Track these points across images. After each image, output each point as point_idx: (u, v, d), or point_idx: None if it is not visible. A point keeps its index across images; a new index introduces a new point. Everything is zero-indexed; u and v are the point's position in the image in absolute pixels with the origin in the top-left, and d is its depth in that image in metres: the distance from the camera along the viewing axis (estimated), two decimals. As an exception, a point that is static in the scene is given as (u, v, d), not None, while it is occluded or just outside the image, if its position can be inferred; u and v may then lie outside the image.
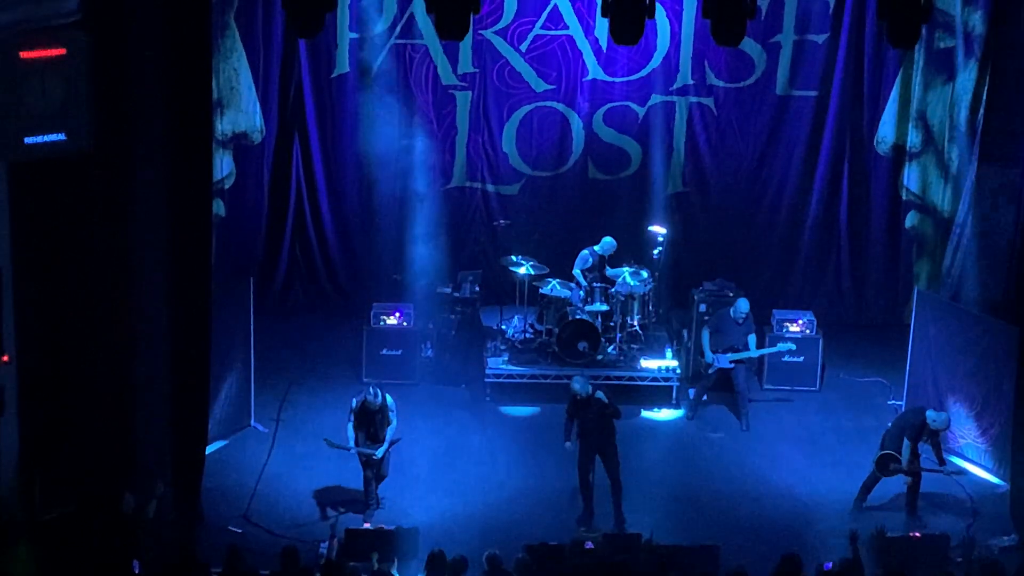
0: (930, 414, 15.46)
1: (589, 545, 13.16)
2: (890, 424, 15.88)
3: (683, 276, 19.47)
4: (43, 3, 12.60)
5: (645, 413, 17.80)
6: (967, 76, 18.72)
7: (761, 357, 18.14)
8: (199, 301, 14.58)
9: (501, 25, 19.24)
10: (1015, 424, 15.44)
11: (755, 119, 19.77)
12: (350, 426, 15.30)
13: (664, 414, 17.85)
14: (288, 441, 16.98)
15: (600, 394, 15.36)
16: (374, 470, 15.34)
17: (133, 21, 13.28)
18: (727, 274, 19.14)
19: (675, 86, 19.54)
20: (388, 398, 15.36)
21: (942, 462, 15.65)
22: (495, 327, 18.95)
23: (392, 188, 19.75)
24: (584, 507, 15.48)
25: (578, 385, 15.39)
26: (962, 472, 16.35)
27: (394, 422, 15.35)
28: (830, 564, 12.70)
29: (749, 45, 18.98)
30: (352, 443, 15.25)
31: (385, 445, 15.30)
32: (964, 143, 18.94)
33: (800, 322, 18.54)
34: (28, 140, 12.68)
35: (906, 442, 15.40)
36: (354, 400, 15.39)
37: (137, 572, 12.86)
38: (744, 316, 17.52)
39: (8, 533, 12.89)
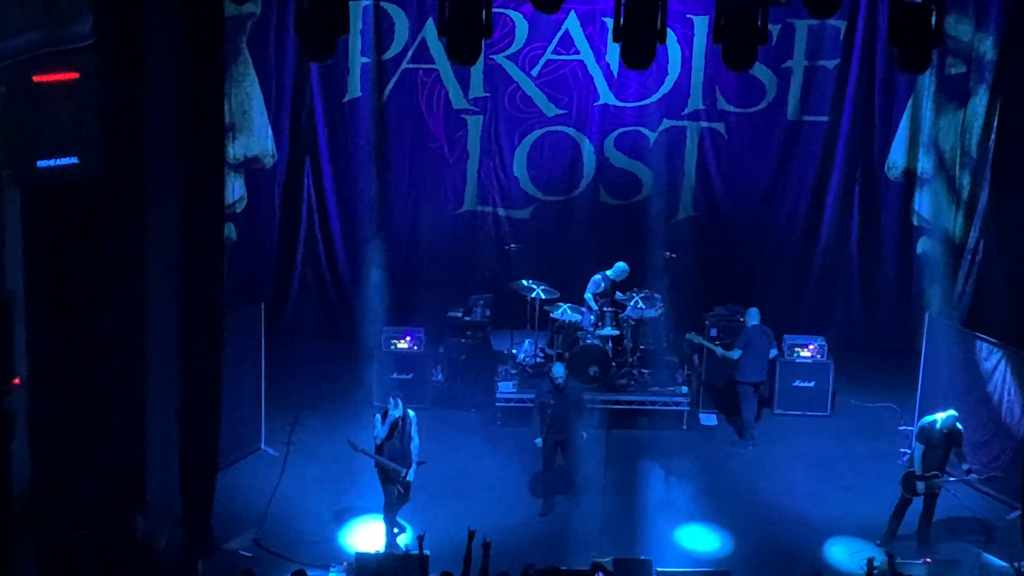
0: (939, 416, 15.43)
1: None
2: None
3: (694, 301, 19.44)
4: (56, 27, 12.65)
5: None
6: (978, 102, 18.74)
7: (772, 382, 18.34)
8: (211, 324, 14.61)
9: (512, 50, 19.29)
10: (1027, 450, 15.42)
11: (766, 144, 19.78)
12: (378, 430, 15.22)
13: None
14: (299, 465, 16.99)
15: (573, 381, 16.26)
16: (398, 491, 15.29)
17: (146, 46, 13.33)
18: (738, 299, 19.13)
19: (686, 111, 19.57)
20: (411, 412, 15.34)
21: (965, 464, 15.55)
22: (506, 351, 18.95)
23: (403, 212, 19.79)
24: (545, 496, 16.22)
25: (559, 370, 16.08)
26: (993, 476, 16.16)
27: (416, 439, 15.34)
28: None
29: (760, 70, 19.01)
30: (374, 451, 15.23)
31: (414, 466, 15.29)
32: (975, 169, 18.94)
33: (811, 347, 18.53)
34: (41, 163, 12.73)
35: (916, 445, 15.37)
36: (377, 415, 15.34)
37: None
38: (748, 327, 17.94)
39: None
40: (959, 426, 15.46)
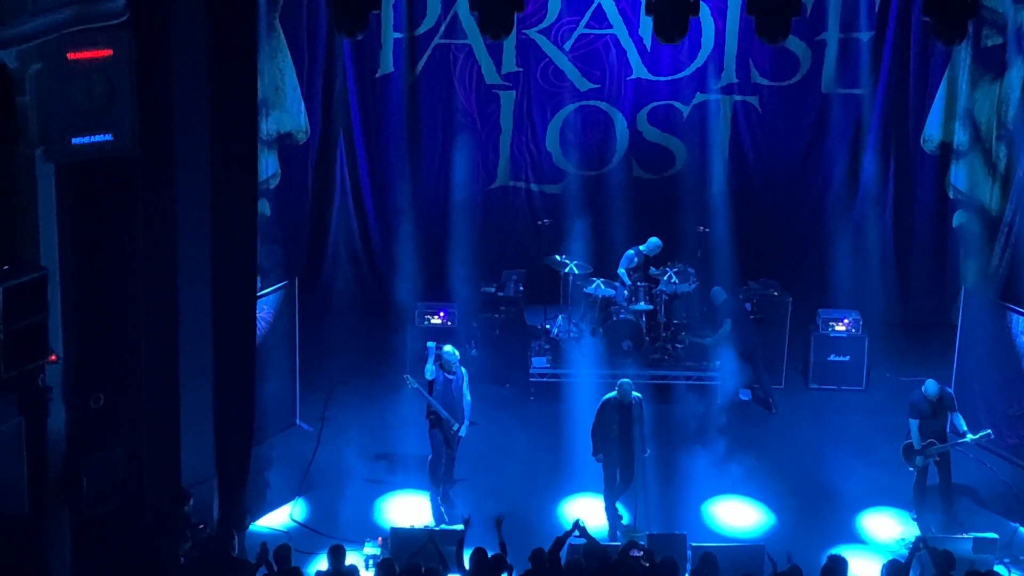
0: (923, 387, 15.48)
1: (636, 553, 13.10)
2: None
3: (728, 275, 19.37)
4: (90, 4, 12.68)
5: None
6: (1015, 74, 18.55)
7: (807, 356, 18.46)
8: (244, 300, 14.66)
9: (545, 24, 19.24)
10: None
11: (800, 117, 19.69)
12: (430, 370, 15.41)
13: None
14: (333, 440, 17.04)
15: (637, 395, 15.55)
16: (445, 443, 15.43)
17: (179, 22, 13.35)
18: (772, 273, 19.08)
19: (719, 84, 19.48)
20: (463, 369, 15.57)
21: (963, 433, 15.54)
22: (539, 326, 18.95)
23: (436, 187, 19.79)
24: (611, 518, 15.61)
25: (628, 385, 15.51)
26: (989, 435, 16.05)
27: (468, 396, 15.51)
28: None
29: (794, 43, 18.91)
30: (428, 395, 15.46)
31: (466, 422, 15.52)
32: (1012, 141, 18.79)
33: (846, 321, 18.48)
34: (75, 140, 12.80)
35: (910, 422, 15.41)
36: (430, 366, 15.43)
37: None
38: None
39: None
40: (948, 390, 15.59)
